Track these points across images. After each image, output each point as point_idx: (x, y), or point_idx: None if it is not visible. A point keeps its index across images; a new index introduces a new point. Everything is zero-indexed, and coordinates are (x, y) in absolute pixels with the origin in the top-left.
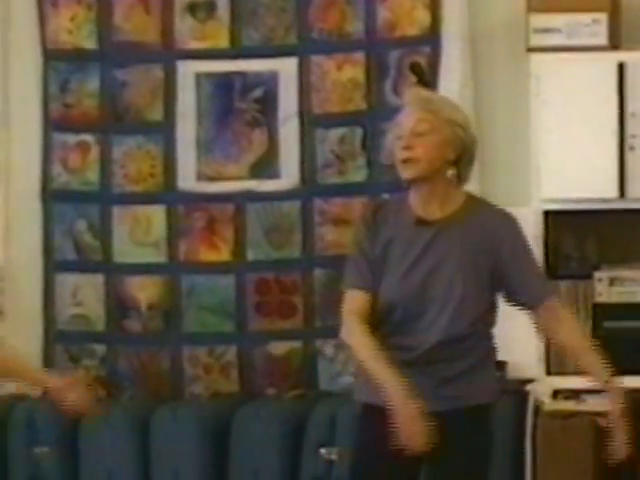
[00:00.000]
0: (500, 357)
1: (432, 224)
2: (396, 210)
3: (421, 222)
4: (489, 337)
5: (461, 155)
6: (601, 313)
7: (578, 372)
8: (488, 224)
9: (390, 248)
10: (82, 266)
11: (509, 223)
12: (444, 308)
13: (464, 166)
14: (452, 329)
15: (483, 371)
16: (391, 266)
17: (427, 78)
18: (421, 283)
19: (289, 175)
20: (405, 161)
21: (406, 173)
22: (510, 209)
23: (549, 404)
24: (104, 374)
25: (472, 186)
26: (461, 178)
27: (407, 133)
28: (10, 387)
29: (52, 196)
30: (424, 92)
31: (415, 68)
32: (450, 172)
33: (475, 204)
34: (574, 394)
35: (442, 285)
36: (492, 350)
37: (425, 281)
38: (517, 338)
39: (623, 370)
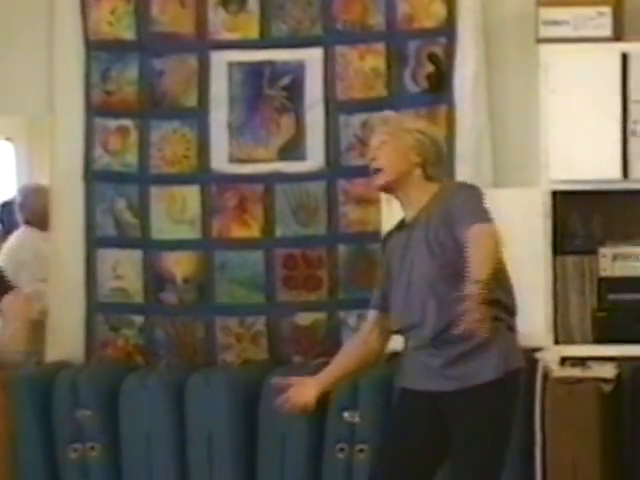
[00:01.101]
0: None
1: (406, 227)
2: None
3: (401, 227)
4: (492, 317)
5: (425, 156)
6: (605, 286)
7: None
8: (448, 201)
9: (390, 261)
10: (122, 242)
11: (461, 188)
12: (426, 307)
13: (431, 165)
14: (439, 325)
15: (486, 351)
16: (391, 277)
17: (443, 67)
18: (405, 289)
19: (315, 157)
20: (374, 172)
21: (376, 183)
22: (521, 189)
23: (557, 371)
24: (142, 343)
25: (485, 169)
26: (430, 176)
27: (372, 149)
28: (55, 354)
29: (94, 177)
30: (385, 113)
31: (433, 58)
32: (416, 173)
33: (444, 192)
34: (580, 361)
35: (419, 285)
36: (498, 328)
37: (408, 286)
38: (527, 309)
39: (626, 339)
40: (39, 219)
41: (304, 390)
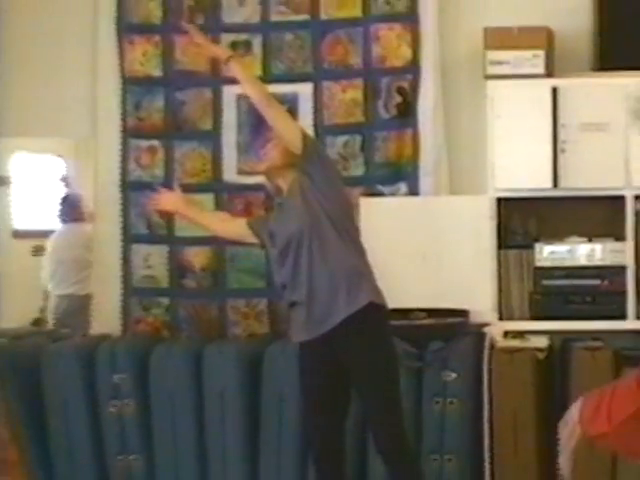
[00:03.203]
0: (464, 307)
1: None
2: None
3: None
4: (347, 252)
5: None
6: (540, 274)
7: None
8: None
9: None
10: (151, 239)
11: None
12: None
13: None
14: None
15: (352, 285)
16: None
17: (409, 99)
18: None
19: None
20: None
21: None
22: (472, 197)
23: (501, 342)
24: (167, 320)
25: (443, 180)
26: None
27: None
28: (97, 328)
29: (129, 186)
30: None
31: (401, 91)
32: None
33: None
34: (519, 334)
35: None
36: (357, 267)
37: None
38: (477, 293)
39: (556, 316)
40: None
41: (172, 198)
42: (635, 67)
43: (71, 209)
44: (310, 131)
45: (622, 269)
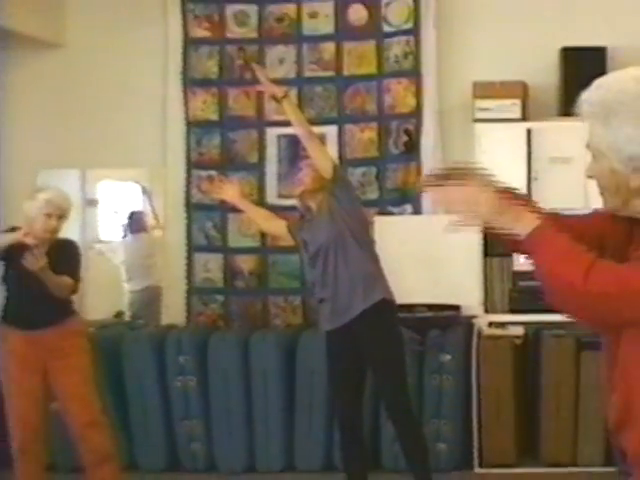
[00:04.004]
0: (457, 302)
1: None
2: None
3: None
4: (365, 261)
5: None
6: (517, 277)
7: (504, 311)
8: None
9: None
10: (209, 249)
11: None
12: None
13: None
14: None
15: (369, 285)
16: None
17: (414, 138)
18: None
19: None
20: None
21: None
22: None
23: (486, 331)
24: (222, 313)
25: None
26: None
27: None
28: (167, 320)
29: (192, 207)
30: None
31: (407, 132)
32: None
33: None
34: (501, 325)
35: None
36: (374, 272)
37: None
38: (467, 291)
39: (530, 310)
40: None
41: (231, 190)
42: None
43: (137, 223)
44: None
45: None
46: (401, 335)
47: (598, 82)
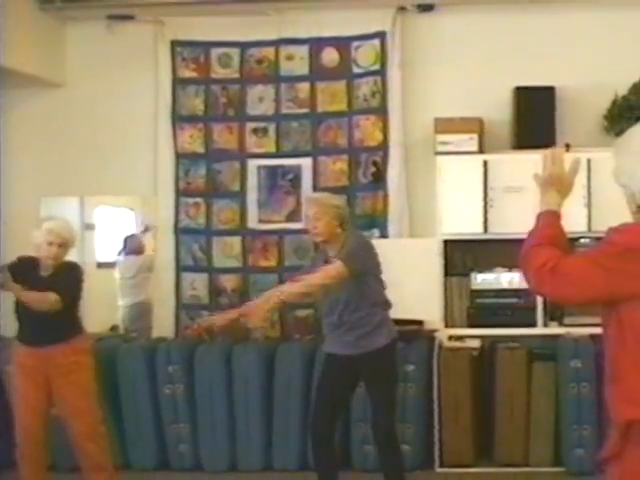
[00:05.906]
0: (419, 317)
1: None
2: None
3: (327, 261)
4: (376, 313)
5: (342, 220)
6: (474, 295)
7: (463, 326)
8: (345, 245)
9: None
10: (196, 269)
11: (354, 236)
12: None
13: (345, 224)
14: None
15: (377, 331)
16: None
17: (381, 169)
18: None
19: None
20: (315, 235)
21: (318, 239)
22: (426, 239)
23: (446, 343)
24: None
25: (404, 227)
26: (344, 229)
27: (311, 219)
28: (157, 333)
29: (180, 231)
30: (313, 195)
31: (375, 163)
32: (338, 231)
33: (347, 238)
34: (460, 338)
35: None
36: (384, 316)
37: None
38: (429, 307)
39: (485, 325)
40: (138, 250)
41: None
42: (541, 146)
43: (132, 245)
44: (310, 192)
45: None
46: (397, 369)
47: None
